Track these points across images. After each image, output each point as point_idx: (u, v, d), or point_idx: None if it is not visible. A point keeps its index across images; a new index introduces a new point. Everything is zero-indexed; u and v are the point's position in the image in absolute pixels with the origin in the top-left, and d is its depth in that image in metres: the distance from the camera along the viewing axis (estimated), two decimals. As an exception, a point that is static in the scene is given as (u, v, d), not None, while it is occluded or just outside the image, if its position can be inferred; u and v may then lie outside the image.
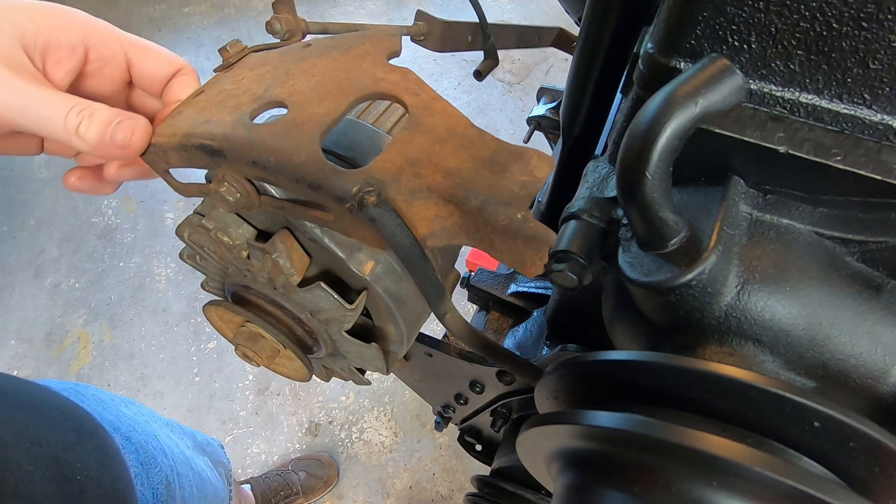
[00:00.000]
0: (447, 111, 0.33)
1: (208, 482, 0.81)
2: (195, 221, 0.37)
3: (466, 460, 1.45)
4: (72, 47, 0.34)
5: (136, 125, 0.33)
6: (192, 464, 0.79)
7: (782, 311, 0.29)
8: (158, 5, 2.58)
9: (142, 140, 0.34)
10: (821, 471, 0.26)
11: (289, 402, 1.56)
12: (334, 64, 0.36)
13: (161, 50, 0.38)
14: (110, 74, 0.37)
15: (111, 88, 0.38)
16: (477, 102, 2.19)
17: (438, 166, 0.31)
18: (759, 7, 0.26)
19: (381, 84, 0.34)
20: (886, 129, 0.27)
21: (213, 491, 0.82)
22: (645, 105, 0.28)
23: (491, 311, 0.84)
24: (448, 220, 0.30)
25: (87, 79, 0.36)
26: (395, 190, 0.30)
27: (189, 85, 0.38)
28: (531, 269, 0.30)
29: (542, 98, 1.05)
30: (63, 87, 0.34)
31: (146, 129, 0.34)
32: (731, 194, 0.31)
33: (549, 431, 0.31)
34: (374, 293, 0.37)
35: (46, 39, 0.33)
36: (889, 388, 0.29)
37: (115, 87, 0.38)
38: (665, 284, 0.29)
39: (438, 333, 0.87)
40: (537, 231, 0.28)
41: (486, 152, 0.31)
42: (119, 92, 0.38)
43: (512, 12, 2.48)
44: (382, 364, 0.42)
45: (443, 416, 0.81)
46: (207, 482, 0.81)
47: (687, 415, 0.28)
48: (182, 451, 0.77)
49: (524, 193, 0.29)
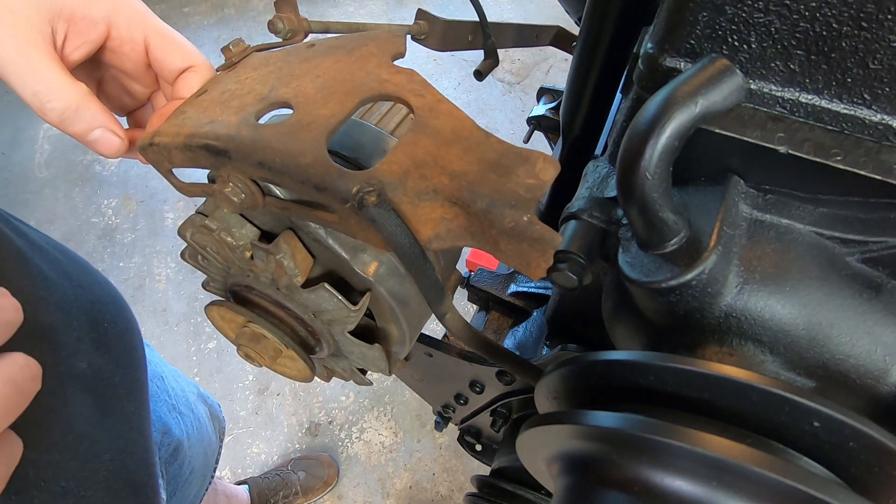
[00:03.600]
0: (453, 113, 0.33)
1: (205, 431, 0.82)
2: (198, 221, 0.37)
3: (466, 460, 1.45)
4: (94, 21, 0.35)
5: (112, 142, 0.36)
6: (194, 408, 0.80)
7: (782, 311, 0.29)
8: (159, 5, 2.58)
9: (117, 152, 0.37)
10: (821, 471, 0.27)
11: (289, 402, 1.56)
12: (339, 65, 0.36)
13: (180, 42, 0.38)
14: (129, 53, 0.38)
15: (132, 66, 0.39)
16: (477, 102, 2.19)
17: (444, 168, 0.31)
18: (758, 7, 0.26)
19: (386, 85, 0.34)
20: (886, 129, 0.27)
21: (208, 440, 0.83)
22: (645, 105, 0.28)
23: (491, 311, 0.84)
24: (454, 222, 0.30)
25: (107, 52, 0.38)
26: (402, 192, 0.30)
27: (196, 83, 0.38)
28: (536, 271, 0.30)
29: (542, 98, 1.05)
30: (77, 57, 0.36)
31: (121, 147, 0.37)
32: (731, 194, 0.31)
33: (549, 431, 0.31)
34: (378, 294, 0.37)
35: (73, 8, 0.34)
36: (889, 388, 0.29)
37: (136, 66, 0.39)
38: (665, 284, 0.29)
39: (438, 333, 0.87)
40: (543, 233, 0.28)
41: (492, 155, 0.31)
42: (141, 71, 0.40)
43: (512, 12, 2.48)
44: (385, 365, 0.42)
45: (443, 416, 0.81)
46: (205, 430, 0.82)
47: (687, 415, 0.28)
48: (186, 395, 0.79)
49: (530, 196, 0.29)
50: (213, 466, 0.87)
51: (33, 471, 0.35)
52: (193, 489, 0.79)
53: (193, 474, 0.77)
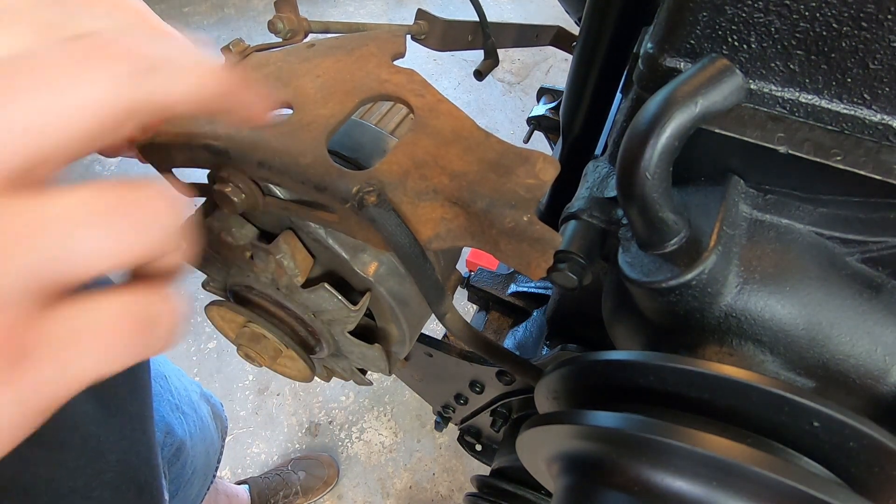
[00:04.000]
0: (453, 113, 0.33)
1: (208, 430, 0.82)
2: (197, 221, 0.37)
3: (466, 460, 1.45)
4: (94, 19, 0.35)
5: None
6: (197, 408, 0.80)
7: (782, 311, 0.29)
8: (158, 5, 2.58)
9: (117, 153, 0.34)
10: (821, 471, 0.27)
11: (289, 401, 1.56)
12: (339, 65, 0.36)
13: (178, 41, 0.38)
14: None
15: None
16: (477, 102, 2.19)
17: (444, 168, 0.31)
18: (758, 7, 0.26)
19: (386, 85, 0.34)
20: (886, 129, 0.27)
21: (210, 439, 0.83)
22: (645, 105, 0.28)
23: (491, 311, 0.84)
24: (453, 222, 0.30)
25: None
26: (402, 192, 0.30)
27: None
28: (536, 271, 0.30)
29: (542, 98, 1.05)
30: None
31: None
32: (731, 194, 0.31)
33: (549, 431, 0.31)
34: (378, 294, 0.37)
35: None
36: (889, 388, 0.29)
37: None
38: (665, 284, 0.29)
39: (438, 333, 0.87)
40: (543, 234, 0.28)
41: (492, 155, 0.31)
42: None
43: (511, 12, 2.49)
44: (385, 365, 0.42)
45: (443, 416, 0.81)
46: (207, 430, 0.82)
47: (687, 415, 0.28)
48: (189, 394, 0.79)
49: (530, 196, 0.29)
50: (215, 466, 0.87)
51: (42, 469, 0.35)
52: (195, 489, 0.79)
53: (195, 474, 0.77)
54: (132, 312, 0.19)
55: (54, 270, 0.16)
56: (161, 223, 0.18)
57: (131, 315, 0.19)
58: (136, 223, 0.17)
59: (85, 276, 0.17)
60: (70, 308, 0.17)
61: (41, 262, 0.16)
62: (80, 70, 0.17)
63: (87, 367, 0.17)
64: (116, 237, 0.17)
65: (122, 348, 0.18)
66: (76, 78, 0.16)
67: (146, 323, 0.19)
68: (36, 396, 0.17)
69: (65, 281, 0.17)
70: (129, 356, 0.19)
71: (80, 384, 0.17)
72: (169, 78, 0.19)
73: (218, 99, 0.21)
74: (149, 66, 0.18)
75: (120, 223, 0.17)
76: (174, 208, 0.19)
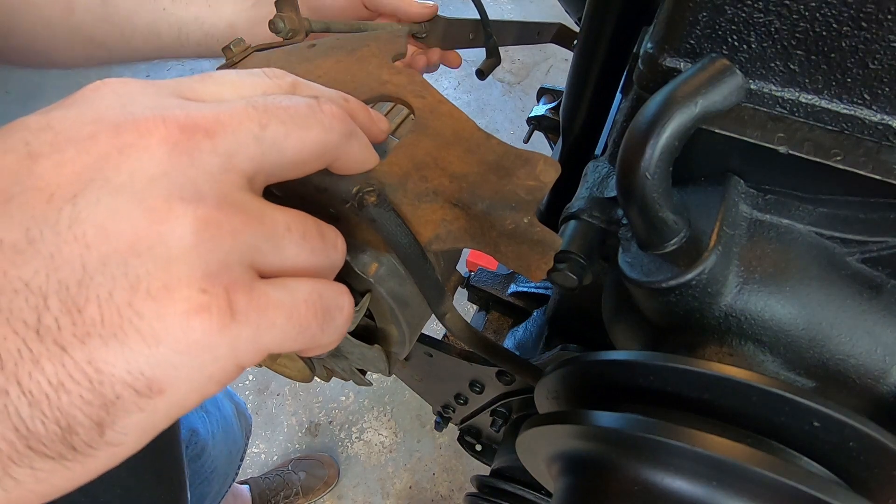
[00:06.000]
0: (453, 114, 0.33)
1: (231, 429, 0.82)
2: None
3: (466, 460, 1.45)
4: None
5: None
6: (220, 406, 0.79)
7: (782, 311, 0.29)
8: (158, 5, 2.58)
9: None
10: (821, 471, 0.27)
11: (289, 402, 1.56)
12: (339, 65, 0.36)
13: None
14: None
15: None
16: (477, 102, 2.18)
17: (445, 170, 0.31)
18: (758, 7, 0.26)
19: (386, 86, 0.34)
20: (886, 129, 0.27)
21: (233, 438, 0.82)
22: (645, 105, 0.28)
23: (491, 311, 0.84)
24: (454, 224, 0.30)
25: None
26: (402, 193, 0.30)
27: None
28: (536, 273, 0.30)
29: (542, 98, 1.05)
30: None
31: None
32: (731, 194, 0.31)
33: (549, 431, 0.31)
34: (378, 295, 0.37)
35: None
36: (889, 388, 0.29)
37: None
38: (665, 284, 0.29)
39: (438, 333, 0.87)
40: (543, 236, 0.28)
41: (493, 156, 0.31)
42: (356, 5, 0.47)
43: (511, 12, 2.48)
44: (384, 365, 0.42)
45: (443, 416, 0.81)
46: (231, 429, 0.81)
47: (687, 415, 0.28)
48: None
49: (530, 198, 0.29)
50: (238, 465, 0.86)
51: None
52: (214, 487, 0.78)
53: (215, 473, 0.76)
54: (320, 297, 0.22)
55: (264, 255, 0.20)
56: (339, 254, 0.25)
57: (318, 299, 0.22)
58: (324, 249, 0.23)
59: (280, 271, 0.21)
60: (269, 284, 0.20)
61: (256, 244, 0.20)
62: (314, 122, 0.23)
63: (272, 339, 0.20)
64: (309, 251, 0.22)
65: (301, 329, 0.21)
66: (312, 123, 0.23)
67: (327, 312, 0.22)
68: (232, 354, 0.19)
69: (266, 270, 0.21)
70: (304, 340, 0.21)
71: (262, 354, 0.20)
72: (360, 142, 0.27)
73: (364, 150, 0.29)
74: (351, 131, 0.25)
75: (312, 242, 0.22)
76: (343, 245, 0.25)
